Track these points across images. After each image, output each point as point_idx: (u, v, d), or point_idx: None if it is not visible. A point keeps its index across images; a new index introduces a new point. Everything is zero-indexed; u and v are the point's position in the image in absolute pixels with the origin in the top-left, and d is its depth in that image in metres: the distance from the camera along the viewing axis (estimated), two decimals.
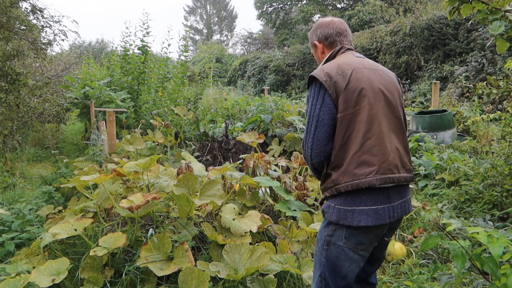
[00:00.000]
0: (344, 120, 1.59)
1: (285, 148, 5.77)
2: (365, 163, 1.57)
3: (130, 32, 8.41)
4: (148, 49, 8.33)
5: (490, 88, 7.74)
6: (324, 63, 1.79)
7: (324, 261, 1.67)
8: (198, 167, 3.35)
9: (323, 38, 1.86)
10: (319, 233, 1.73)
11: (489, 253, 1.49)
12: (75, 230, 2.55)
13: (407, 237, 3.20)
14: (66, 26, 7.37)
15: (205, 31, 42.49)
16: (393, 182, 1.60)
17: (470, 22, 10.70)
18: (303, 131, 5.66)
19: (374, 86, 1.65)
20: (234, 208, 2.88)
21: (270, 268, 2.41)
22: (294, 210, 3.00)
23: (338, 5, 24.38)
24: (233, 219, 2.74)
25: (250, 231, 2.66)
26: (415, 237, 3.20)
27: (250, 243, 2.61)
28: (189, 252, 2.48)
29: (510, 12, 2.53)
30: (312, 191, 3.50)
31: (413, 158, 4.78)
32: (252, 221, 2.73)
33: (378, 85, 1.66)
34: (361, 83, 1.62)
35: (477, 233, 1.49)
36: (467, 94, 9.47)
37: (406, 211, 1.71)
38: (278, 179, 3.27)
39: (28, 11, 7.10)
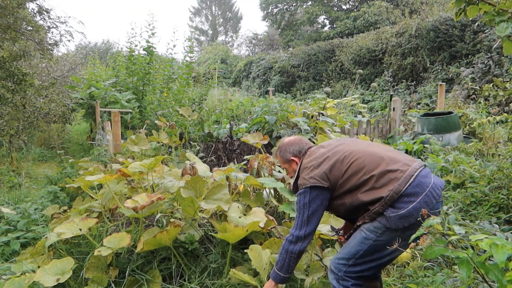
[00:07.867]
0: None
1: None
2: None
3: (136, 33, 8.44)
4: (154, 50, 8.33)
5: (496, 90, 7.69)
6: None
7: (370, 242, 1.85)
8: (202, 168, 3.35)
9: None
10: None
11: (489, 259, 1.47)
12: (80, 230, 2.56)
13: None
14: (72, 27, 7.46)
15: (210, 32, 42.52)
16: None
17: (476, 24, 10.62)
18: (307, 132, 5.64)
19: None
20: (239, 207, 2.88)
21: None
22: None
23: (344, 6, 24.34)
24: (239, 217, 2.73)
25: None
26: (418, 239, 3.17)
27: None
28: None
29: None
30: None
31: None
32: (258, 217, 2.72)
33: None
34: None
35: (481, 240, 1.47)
36: (473, 96, 9.41)
37: None
38: (283, 180, 3.26)
39: (35, 12, 7.16)
